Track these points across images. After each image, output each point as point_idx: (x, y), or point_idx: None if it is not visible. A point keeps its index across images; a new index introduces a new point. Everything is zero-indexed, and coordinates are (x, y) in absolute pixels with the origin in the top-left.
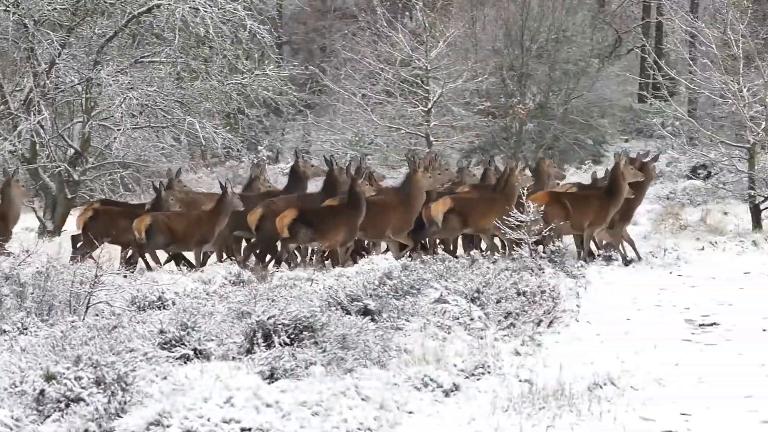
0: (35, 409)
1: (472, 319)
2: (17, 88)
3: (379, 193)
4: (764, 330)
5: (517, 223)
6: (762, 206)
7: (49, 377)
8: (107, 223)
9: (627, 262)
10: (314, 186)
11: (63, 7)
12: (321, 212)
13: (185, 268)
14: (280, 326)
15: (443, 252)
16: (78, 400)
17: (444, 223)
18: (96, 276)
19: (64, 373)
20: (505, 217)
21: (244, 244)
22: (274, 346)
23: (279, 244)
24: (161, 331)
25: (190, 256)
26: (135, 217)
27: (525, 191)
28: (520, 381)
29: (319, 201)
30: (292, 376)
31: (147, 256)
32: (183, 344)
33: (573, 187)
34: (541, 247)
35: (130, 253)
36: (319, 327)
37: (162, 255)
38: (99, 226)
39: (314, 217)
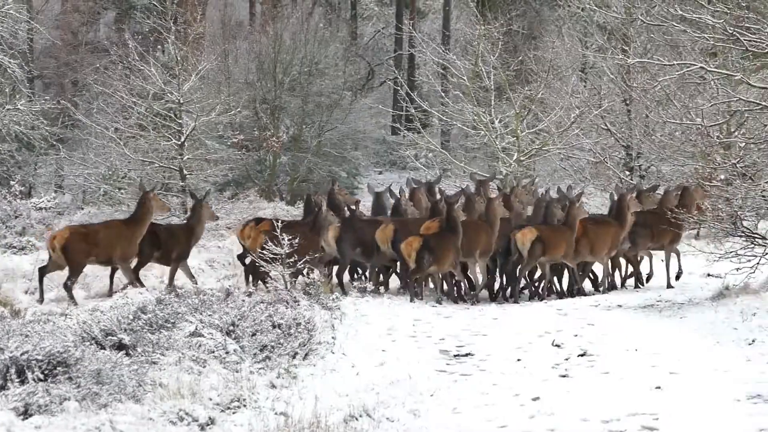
0: None
1: (227, 353)
2: None
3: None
4: (518, 360)
5: (272, 255)
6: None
7: None
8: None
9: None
10: None
11: None
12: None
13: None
14: (33, 362)
15: None
16: None
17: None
18: None
19: None
20: (259, 250)
21: None
22: (28, 382)
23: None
24: None
25: None
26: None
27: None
28: (275, 414)
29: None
30: (47, 412)
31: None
32: None
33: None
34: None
35: None
36: (73, 362)
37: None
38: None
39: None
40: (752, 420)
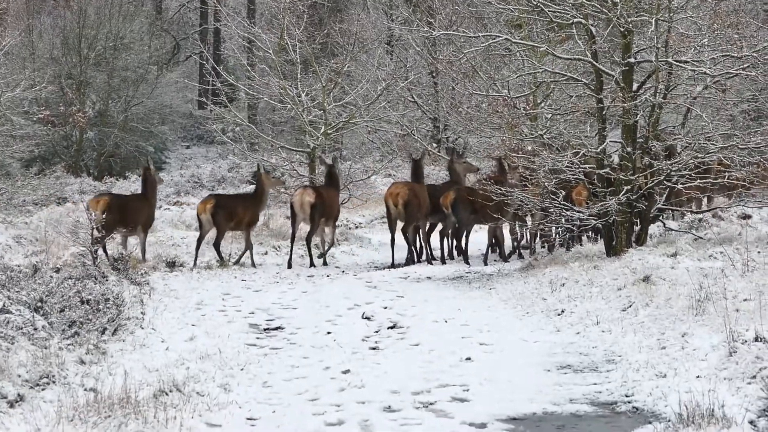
0: None
1: (35, 329)
2: None
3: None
4: (328, 333)
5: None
6: None
7: None
8: None
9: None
10: None
11: None
12: None
13: None
14: None
15: None
16: None
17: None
18: None
19: None
20: None
21: None
22: None
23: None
24: None
25: None
26: None
27: None
28: (85, 390)
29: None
30: None
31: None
32: None
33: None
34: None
35: None
36: None
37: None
38: None
39: None
40: (562, 390)
